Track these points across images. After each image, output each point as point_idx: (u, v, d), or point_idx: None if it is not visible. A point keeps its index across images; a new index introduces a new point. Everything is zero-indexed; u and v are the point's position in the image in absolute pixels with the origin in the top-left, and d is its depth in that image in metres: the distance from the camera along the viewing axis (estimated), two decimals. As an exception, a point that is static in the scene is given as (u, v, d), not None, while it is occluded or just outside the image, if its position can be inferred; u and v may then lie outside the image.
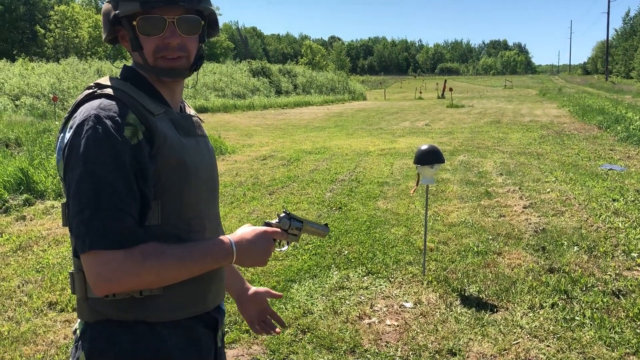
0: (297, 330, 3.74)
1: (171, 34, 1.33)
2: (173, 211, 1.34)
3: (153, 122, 1.30)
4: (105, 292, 1.22)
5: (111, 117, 1.24)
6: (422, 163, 4.49)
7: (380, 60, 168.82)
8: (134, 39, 1.34)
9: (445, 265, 4.89)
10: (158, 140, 1.30)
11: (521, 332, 3.65)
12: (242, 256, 1.36)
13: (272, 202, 7.35)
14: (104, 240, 1.18)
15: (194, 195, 1.38)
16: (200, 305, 1.42)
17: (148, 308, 1.31)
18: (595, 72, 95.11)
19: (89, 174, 1.20)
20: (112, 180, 1.20)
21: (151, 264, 1.22)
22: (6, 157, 9.14)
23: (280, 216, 1.56)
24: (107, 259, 1.19)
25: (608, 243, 5.36)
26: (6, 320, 3.93)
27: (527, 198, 7.21)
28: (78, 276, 1.31)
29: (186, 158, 1.35)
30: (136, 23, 1.32)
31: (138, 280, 1.22)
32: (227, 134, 15.24)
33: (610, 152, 11.02)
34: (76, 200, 1.20)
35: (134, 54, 1.37)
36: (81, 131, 1.23)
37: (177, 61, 1.37)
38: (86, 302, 1.32)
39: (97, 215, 1.18)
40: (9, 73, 24.80)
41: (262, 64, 39.95)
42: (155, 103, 1.36)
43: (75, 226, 1.20)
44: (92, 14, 55.17)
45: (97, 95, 1.31)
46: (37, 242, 5.70)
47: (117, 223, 1.20)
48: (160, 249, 1.25)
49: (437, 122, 19.35)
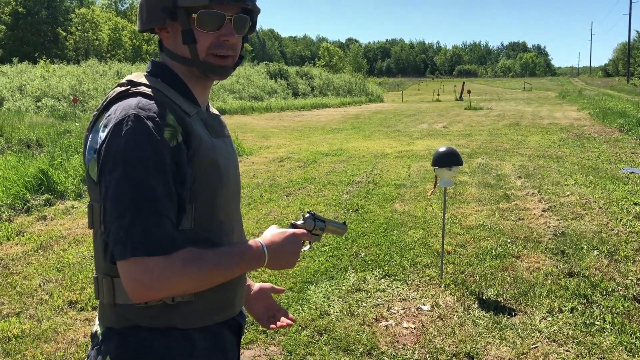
0: (314, 331, 3.74)
1: (228, 31, 1.31)
2: (206, 214, 1.31)
3: (189, 124, 1.27)
4: (144, 299, 1.18)
5: (151, 117, 1.20)
6: (440, 165, 4.47)
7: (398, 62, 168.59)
8: (189, 31, 1.29)
9: (463, 268, 4.86)
10: (195, 143, 1.26)
11: (540, 336, 3.61)
12: (273, 260, 1.33)
13: (289, 203, 7.37)
14: (146, 247, 1.14)
15: (224, 198, 1.36)
16: (229, 310, 1.41)
17: (179, 314, 1.29)
18: (616, 74, 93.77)
19: (129, 177, 1.15)
20: (154, 184, 1.16)
21: (191, 271, 1.18)
22: (27, 158, 9.28)
23: (305, 217, 1.56)
24: (148, 266, 1.14)
25: (629, 247, 5.29)
26: (28, 318, 3.99)
27: (546, 201, 7.13)
28: (106, 281, 1.27)
29: (219, 160, 1.33)
30: (196, 16, 1.27)
31: (177, 287, 1.19)
32: (245, 136, 15.31)
33: (631, 156, 10.86)
34: (115, 204, 1.16)
35: (181, 46, 1.31)
36: (120, 131, 1.18)
37: (227, 60, 1.34)
38: (113, 308, 1.28)
39: (138, 220, 1.14)
40: (31, 75, 25.24)
41: (280, 66, 40.09)
42: (188, 103, 1.32)
43: (114, 231, 1.15)
44: (112, 17, 55.90)
45: (133, 94, 1.26)
46: (57, 241, 5.78)
47: (159, 229, 1.16)
48: (198, 255, 1.21)
49: (455, 124, 19.24)
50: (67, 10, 57.00)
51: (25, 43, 51.94)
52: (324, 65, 65.91)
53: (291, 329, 3.77)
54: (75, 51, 51.23)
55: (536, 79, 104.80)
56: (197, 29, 1.29)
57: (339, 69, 66.13)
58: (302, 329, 3.77)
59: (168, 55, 1.36)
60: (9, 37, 51.92)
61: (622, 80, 66.26)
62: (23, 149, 10.85)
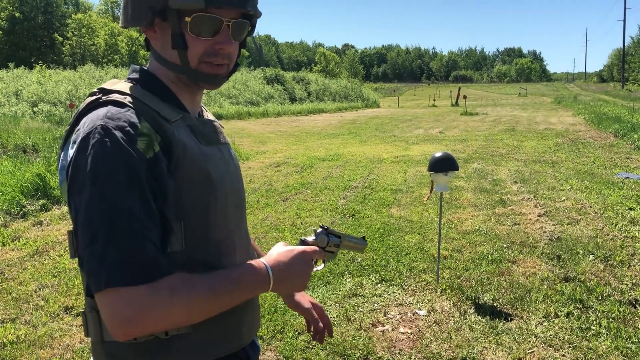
0: (311, 336, 3.73)
1: (224, 39, 1.17)
2: (199, 233, 1.15)
3: (170, 131, 1.12)
4: (128, 336, 1.00)
5: (121, 127, 1.05)
6: (436, 170, 4.49)
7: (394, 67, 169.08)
8: (179, 35, 1.14)
9: (459, 273, 4.87)
10: (177, 151, 1.11)
11: (536, 341, 3.62)
12: (279, 283, 1.17)
13: (285, 208, 7.37)
14: (123, 275, 0.98)
15: (221, 212, 1.20)
16: (235, 342, 1.24)
17: (176, 350, 1.14)
18: (611, 80, 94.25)
19: (100, 196, 1.00)
20: (128, 202, 1.01)
21: (180, 300, 1.02)
22: (24, 163, 9.26)
23: (317, 232, 1.40)
24: (128, 297, 0.98)
25: (624, 252, 5.31)
26: (23, 324, 3.97)
27: (542, 206, 7.16)
28: (92, 316, 1.12)
29: (210, 169, 1.18)
30: (190, 20, 1.12)
31: (166, 319, 1.02)
32: (241, 141, 15.31)
33: (626, 161, 10.90)
34: (85, 228, 1.00)
35: (170, 51, 1.17)
36: (87, 146, 1.03)
37: (221, 68, 1.20)
38: (102, 346, 1.14)
39: (112, 245, 0.98)
40: (27, 80, 25.24)
41: (276, 72, 40.19)
42: (170, 108, 1.17)
43: (87, 260, 1.00)
44: (109, 22, 55.91)
45: (103, 103, 1.12)
46: (53, 247, 5.77)
47: (137, 253, 1.00)
48: (189, 280, 1.05)
49: (451, 129, 19.28)
50: (63, 16, 57.04)
51: (21, 48, 51.95)
52: (320, 71, 66.12)
53: (288, 334, 3.77)
54: (72, 56, 51.24)
55: (532, 84, 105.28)
56: (190, 34, 1.14)
57: (336, 74, 66.24)
58: (298, 334, 3.77)
59: (155, 58, 1.22)
60: (5, 42, 51.91)
61: (617, 86, 66.62)
62: (19, 154, 10.83)
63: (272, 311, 4.11)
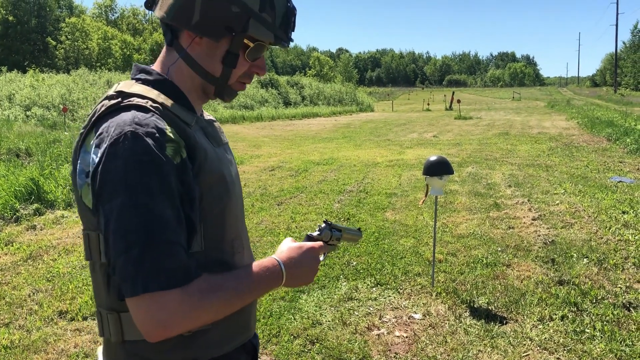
0: (306, 340, 3.74)
1: (262, 64, 1.26)
2: (216, 234, 1.20)
3: (192, 135, 1.14)
4: (161, 337, 1.05)
5: (150, 133, 1.06)
6: (431, 174, 4.50)
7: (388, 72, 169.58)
8: (235, 55, 1.19)
9: (454, 276, 4.88)
10: (200, 156, 1.14)
11: (531, 344, 3.63)
12: (291, 278, 1.23)
13: (280, 212, 7.37)
14: (159, 281, 1.02)
15: (233, 212, 1.25)
16: (246, 334, 1.33)
17: (196, 345, 1.19)
18: (604, 84, 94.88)
19: (133, 203, 1.02)
20: (161, 209, 1.04)
21: (210, 302, 1.07)
22: (17, 167, 9.22)
23: (322, 227, 1.46)
24: (163, 302, 1.02)
25: (618, 255, 5.33)
26: (17, 329, 3.95)
27: (536, 210, 7.18)
28: (112, 317, 1.14)
29: (224, 171, 1.22)
30: (252, 46, 1.20)
31: (197, 320, 1.07)
32: (236, 145, 15.30)
33: (619, 165, 10.97)
34: (119, 235, 1.03)
35: (214, 63, 1.21)
36: (116, 152, 1.04)
37: (245, 87, 1.30)
38: (121, 346, 1.17)
39: (148, 252, 1.02)
40: (20, 84, 25.10)
41: (271, 76, 40.17)
42: (186, 111, 1.19)
43: (122, 266, 1.03)
44: (102, 26, 55.82)
45: (126, 107, 1.11)
46: (47, 251, 5.74)
47: (171, 259, 1.04)
48: (215, 282, 1.10)
49: (445, 133, 19.34)
50: (57, 20, 56.93)
51: (14, 52, 51.79)
52: (314, 75, 66.23)
53: (283, 338, 3.76)
54: (65, 60, 51.12)
55: (525, 88, 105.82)
56: (243, 57, 1.21)
57: (330, 78, 66.42)
58: (294, 338, 3.77)
59: (187, 62, 1.21)
60: (-2, 45, 51.75)
61: (610, 90, 67.05)
62: (12, 159, 10.78)
63: (267, 315, 4.11)
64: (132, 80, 1.22)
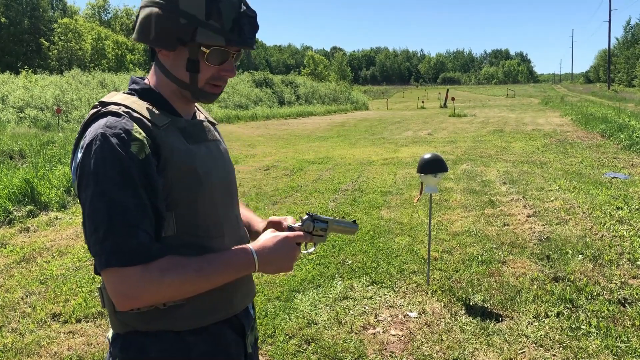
0: (302, 340, 3.72)
1: (230, 67, 1.40)
2: (189, 220, 1.36)
3: (158, 135, 1.32)
4: (126, 307, 1.25)
5: (117, 134, 1.26)
6: (426, 172, 4.49)
7: (382, 70, 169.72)
8: (195, 62, 1.36)
9: (449, 274, 4.88)
10: (164, 153, 1.32)
11: (527, 342, 3.63)
12: (264, 264, 1.38)
13: (275, 212, 7.35)
14: (118, 258, 1.21)
15: (208, 202, 1.40)
16: (228, 310, 1.45)
17: (173, 317, 1.35)
18: (598, 81, 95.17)
19: (100, 193, 1.23)
20: (122, 197, 1.23)
21: (170, 279, 1.24)
22: (10, 169, 9.17)
23: (303, 219, 1.56)
24: (124, 276, 1.22)
25: (613, 251, 5.34)
26: (10, 332, 3.92)
27: (531, 207, 7.19)
28: (105, 291, 1.34)
29: (196, 165, 1.37)
30: (208, 52, 1.34)
31: (158, 295, 1.25)
32: (230, 145, 15.26)
33: (613, 160, 11.00)
34: (90, 219, 1.24)
35: (181, 71, 1.37)
36: (90, 151, 1.26)
37: (219, 89, 1.43)
38: (115, 315, 1.37)
39: (110, 233, 1.21)
40: (13, 85, 24.94)
41: (265, 75, 40.12)
42: (161, 114, 1.37)
43: (92, 245, 1.24)
44: (96, 27, 55.57)
45: (103, 114, 1.33)
46: (40, 253, 5.70)
47: (130, 240, 1.22)
48: (178, 262, 1.27)
49: (440, 131, 19.35)
50: (50, 20, 56.61)
51: (7, 53, 51.48)
52: (309, 74, 66.08)
53: (278, 338, 3.75)
54: (59, 61, 50.84)
55: (519, 85, 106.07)
56: (204, 62, 1.36)
57: (324, 77, 66.31)
58: (289, 338, 3.75)
59: (162, 72, 1.41)
60: (-10, 47, 51.43)
61: (603, 87, 67.23)
62: (5, 160, 10.72)
63: (262, 315, 4.09)
64: (118, 92, 1.44)
